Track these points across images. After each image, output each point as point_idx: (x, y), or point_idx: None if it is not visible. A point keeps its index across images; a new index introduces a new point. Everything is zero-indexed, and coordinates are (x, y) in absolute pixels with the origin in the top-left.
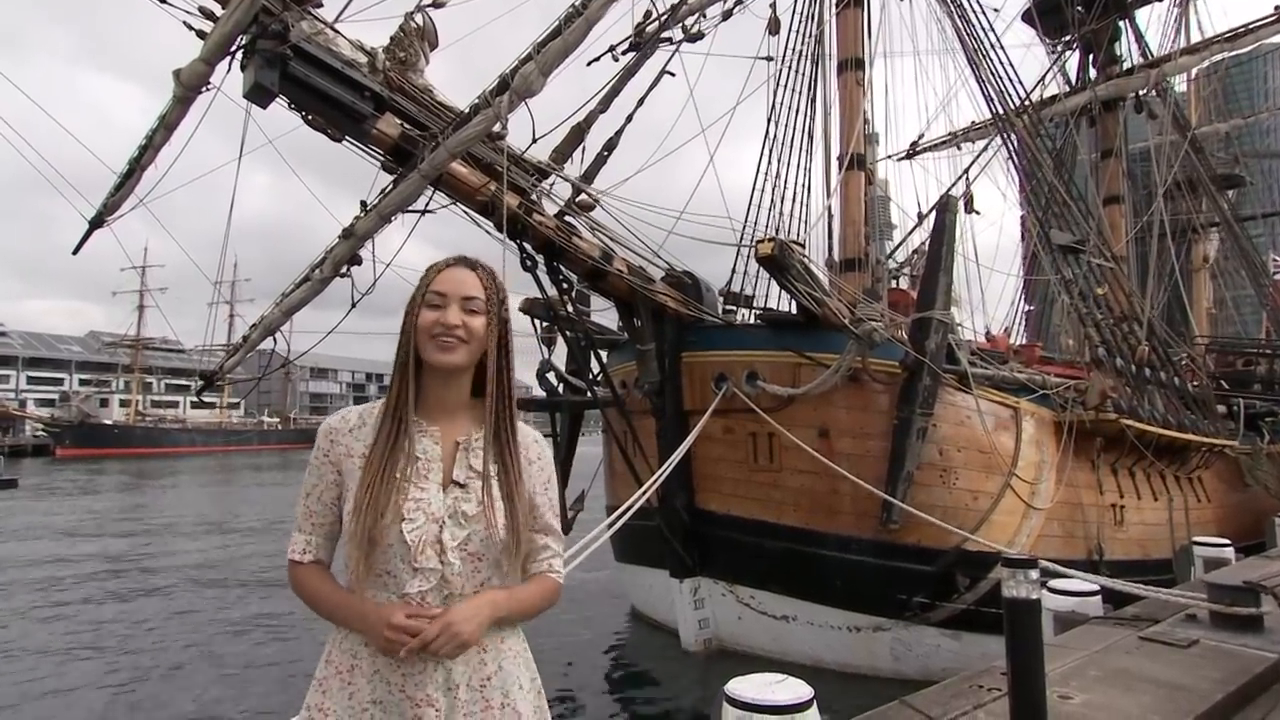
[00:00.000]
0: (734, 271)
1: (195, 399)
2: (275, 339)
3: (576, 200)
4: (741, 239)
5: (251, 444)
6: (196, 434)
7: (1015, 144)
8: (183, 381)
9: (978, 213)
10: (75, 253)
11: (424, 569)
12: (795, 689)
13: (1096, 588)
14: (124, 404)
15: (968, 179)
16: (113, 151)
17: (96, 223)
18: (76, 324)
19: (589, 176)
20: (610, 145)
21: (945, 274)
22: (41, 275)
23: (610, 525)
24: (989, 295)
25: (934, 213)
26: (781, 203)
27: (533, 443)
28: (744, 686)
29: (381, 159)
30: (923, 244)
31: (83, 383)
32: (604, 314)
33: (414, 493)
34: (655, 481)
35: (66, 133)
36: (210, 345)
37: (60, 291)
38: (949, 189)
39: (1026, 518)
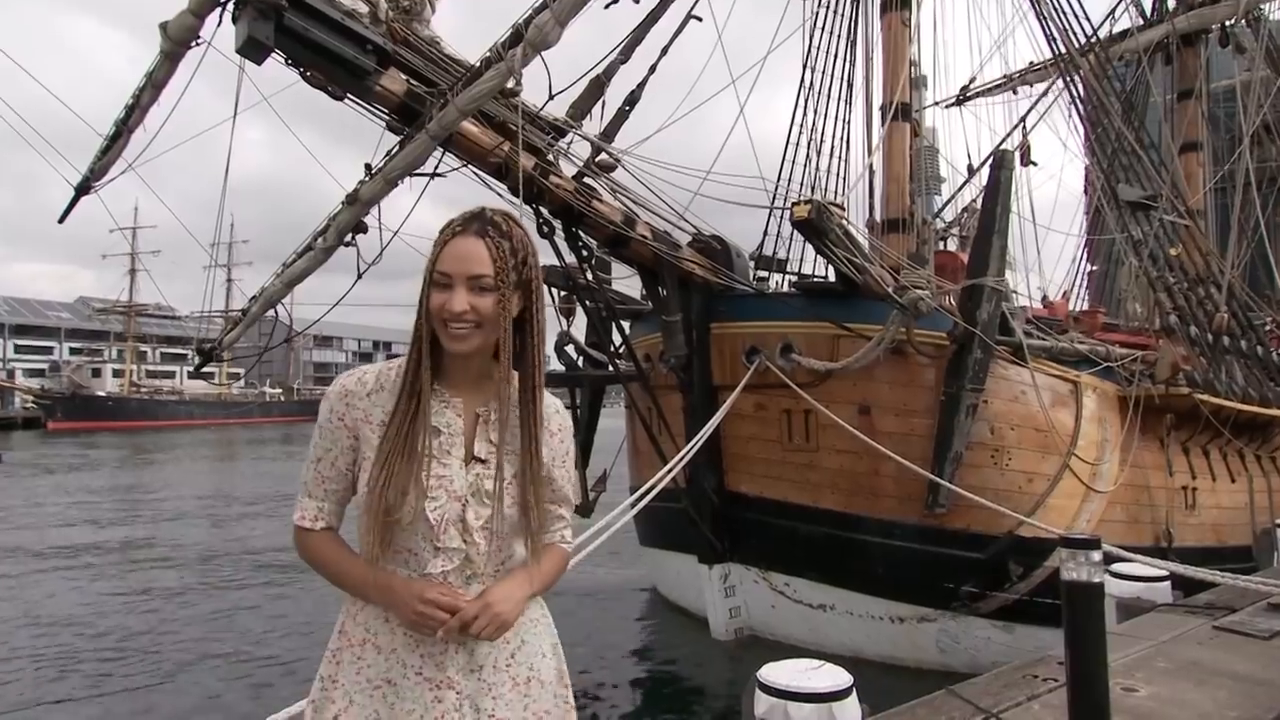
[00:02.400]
0: (766, 235)
1: (193, 372)
2: (277, 310)
3: (596, 160)
4: (775, 200)
5: (253, 416)
6: (195, 406)
7: (1079, 87)
8: (179, 350)
9: (1035, 165)
10: (61, 221)
11: (447, 549)
12: (833, 675)
13: (1165, 572)
14: (117, 374)
15: (1025, 127)
16: (99, 106)
17: (83, 189)
18: (65, 289)
19: (609, 134)
20: (632, 99)
21: (999, 236)
22: (25, 237)
23: (633, 506)
24: (1046, 256)
25: (987, 167)
26: (818, 159)
27: (554, 413)
28: (778, 672)
29: (387, 118)
30: (974, 201)
31: (73, 351)
32: (626, 282)
33: (436, 469)
34: (681, 461)
35: (48, 92)
36: (207, 311)
37: (46, 255)
38: (1003, 139)
39: (1087, 501)
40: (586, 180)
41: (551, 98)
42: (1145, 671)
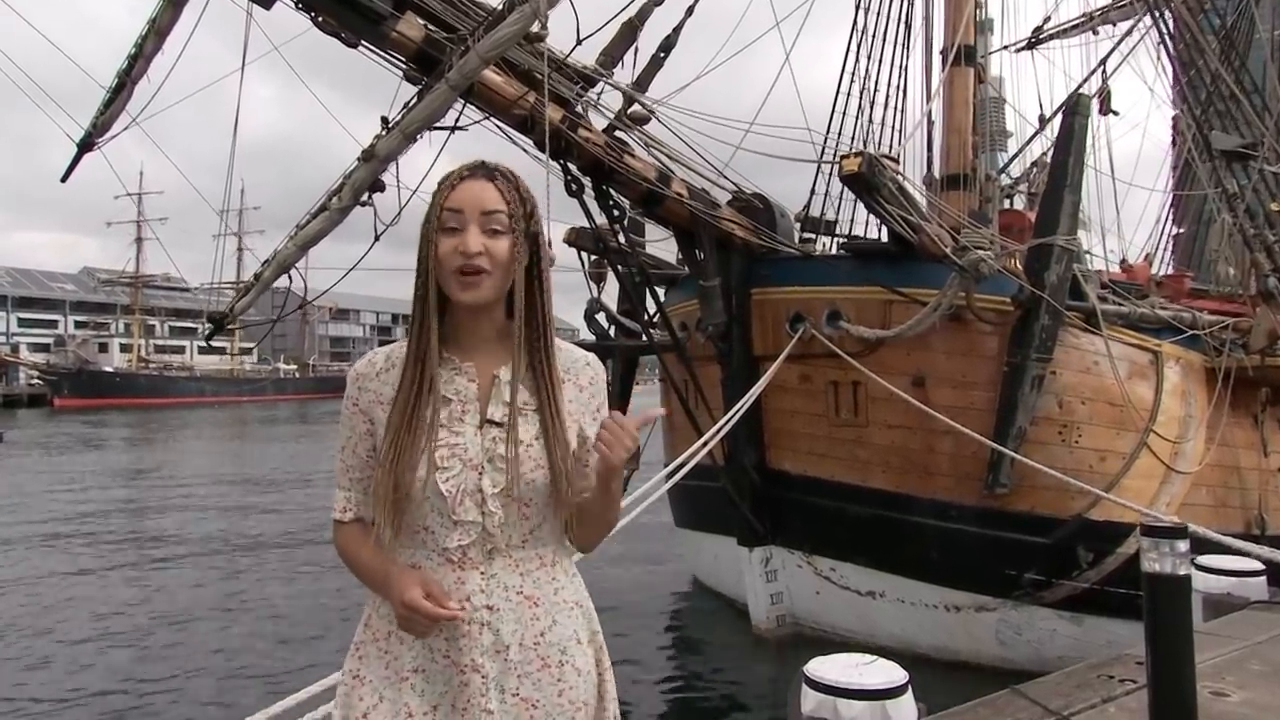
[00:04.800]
0: (813, 193)
1: (205, 344)
2: (290, 277)
3: (629, 112)
4: (823, 154)
5: (266, 394)
6: (206, 383)
7: (1169, 23)
8: (188, 324)
9: (1115, 114)
10: (64, 180)
11: (464, 521)
12: (887, 671)
13: (1260, 566)
14: (125, 349)
15: (1104, 72)
16: (100, 59)
17: (85, 145)
18: (68, 259)
19: (643, 83)
20: (667, 45)
21: (1072, 191)
22: (27, 204)
23: (667, 481)
24: (1127, 218)
25: (1059, 115)
26: (872, 109)
27: (584, 366)
28: (827, 667)
29: (404, 67)
30: (1044, 155)
31: (78, 325)
32: (661, 245)
33: (448, 438)
34: (718, 435)
35: (46, 40)
36: (218, 283)
37: (49, 223)
38: (1080, 85)
39: (1167, 482)
40: (618, 134)
41: (580, 42)
42: (1237, 675)
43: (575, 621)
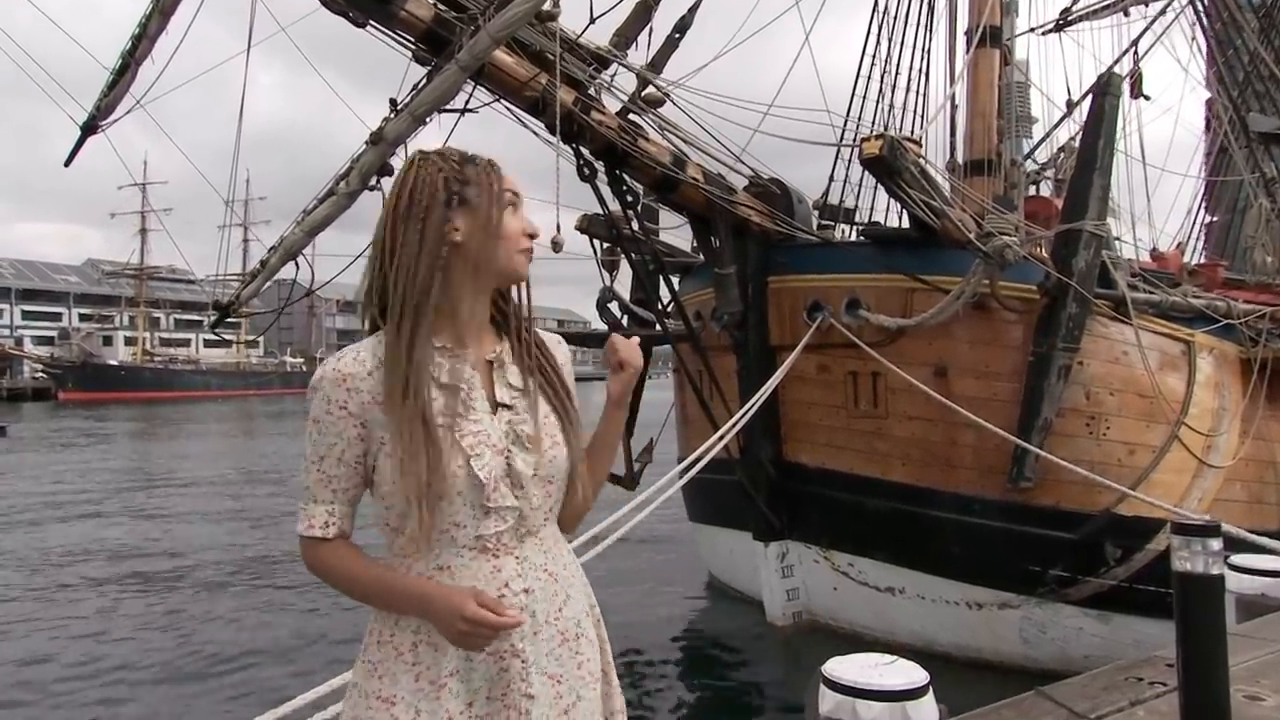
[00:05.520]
0: (832, 178)
1: (211, 332)
2: (297, 265)
3: (643, 94)
4: (842, 138)
5: (273, 387)
6: (212, 376)
7: (1206, 0)
8: (194, 316)
9: (1147, 98)
10: (67, 164)
11: (499, 508)
12: (907, 672)
13: None
14: (129, 342)
15: (1136, 54)
16: (103, 42)
17: (89, 128)
18: (72, 251)
19: (658, 65)
20: (683, 25)
21: (1102, 174)
22: (30, 194)
23: (681, 475)
24: (1157, 204)
25: (1088, 99)
26: (893, 92)
27: (556, 344)
28: (845, 667)
29: (413, 47)
30: (1071, 140)
31: (83, 318)
32: (676, 232)
33: (469, 426)
34: (734, 428)
35: (50, 21)
36: (223, 275)
37: (52, 213)
38: (1110, 67)
39: (1199, 477)
40: (632, 117)
41: (592, 22)
42: (1273, 678)
43: (580, 594)
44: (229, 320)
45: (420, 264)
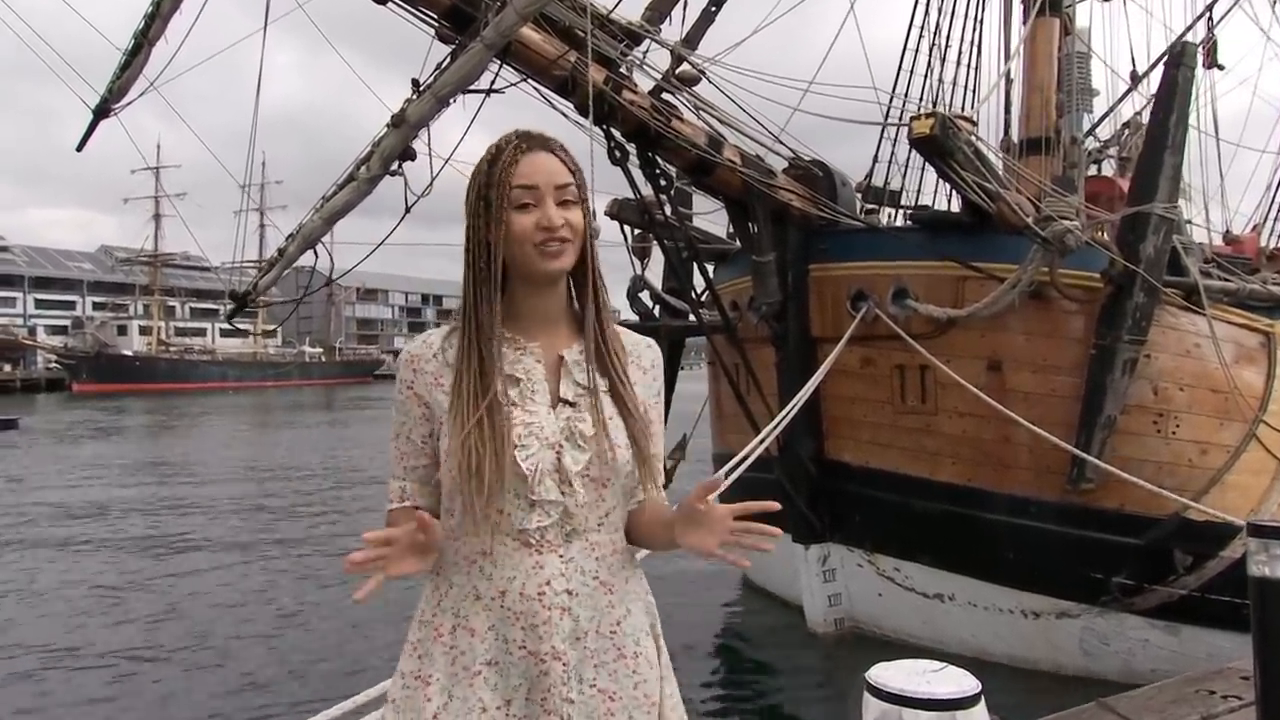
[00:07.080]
0: (877, 159)
1: (226, 323)
2: (316, 253)
3: (677, 72)
4: (887, 116)
5: (291, 378)
6: (229, 367)
7: None
8: (210, 305)
9: (1221, 68)
10: (80, 148)
11: (543, 501)
12: (957, 680)
13: None
14: (144, 331)
15: (1210, 20)
16: (115, 24)
17: (102, 111)
18: (85, 237)
19: (692, 41)
20: None
21: (1173, 153)
22: (42, 180)
23: (726, 479)
24: (1232, 184)
25: (1157, 69)
26: (943, 67)
27: (645, 348)
28: (891, 674)
29: (436, 24)
30: (1137, 115)
31: (97, 306)
32: (711, 218)
33: (522, 416)
34: (775, 426)
35: (62, 0)
36: (240, 262)
37: (65, 199)
38: (1181, 35)
39: (1279, 479)
40: (665, 96)
41: None
42: None
43: (642, 614)
44: (246, 310)
45: (477, 260)
